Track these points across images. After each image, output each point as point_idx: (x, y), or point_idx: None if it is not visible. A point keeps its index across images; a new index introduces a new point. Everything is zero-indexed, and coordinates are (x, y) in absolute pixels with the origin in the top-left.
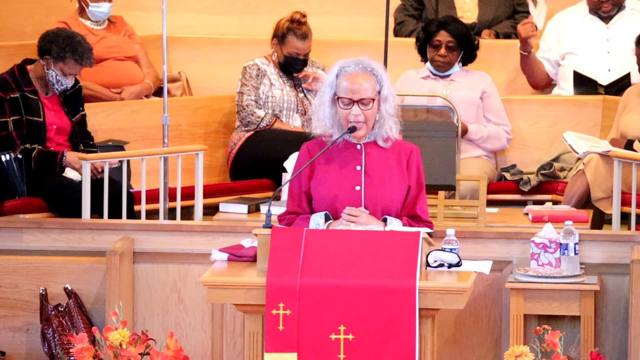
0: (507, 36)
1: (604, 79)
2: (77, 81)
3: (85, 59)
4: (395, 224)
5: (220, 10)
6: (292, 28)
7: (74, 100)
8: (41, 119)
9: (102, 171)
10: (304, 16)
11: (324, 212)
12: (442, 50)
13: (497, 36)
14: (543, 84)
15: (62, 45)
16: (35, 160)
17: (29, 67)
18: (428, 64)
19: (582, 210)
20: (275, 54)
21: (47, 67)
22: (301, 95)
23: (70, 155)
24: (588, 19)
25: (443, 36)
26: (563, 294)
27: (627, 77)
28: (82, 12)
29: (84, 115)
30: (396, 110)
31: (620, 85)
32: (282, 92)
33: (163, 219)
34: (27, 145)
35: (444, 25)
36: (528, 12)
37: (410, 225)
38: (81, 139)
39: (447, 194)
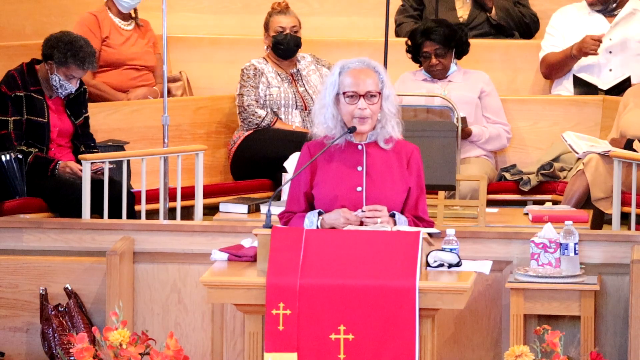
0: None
1: (605, 80)
2: (82, 83)
3: (88, 64)
4: (402, 220)
5: (220, 10)
6: (272, 10)
7: (77, 103)
8: (45, 120)
9: (102, 173)
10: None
11: (318, 210)
12: (433, 60)
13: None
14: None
15: (63, 50)
16: (29, 165)
17: (37, 66)
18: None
19: (582, 210)
20: (269, 48)
21: (51, 72)
22: (302, 89)
23: (62, 163)
24: (592, 17)
25: (429, 46)
26: (563, 294)
27: (628, 80)
28: (110, 6)
29: (87, 118)
30: (397, 110)
31: (621, 89)
32: (280, 89)
33: (163, 219)
34: (24, 148)
35: (426, 34)
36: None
37: (416, 225)
38: (83, 141)
39: (447, 194)
